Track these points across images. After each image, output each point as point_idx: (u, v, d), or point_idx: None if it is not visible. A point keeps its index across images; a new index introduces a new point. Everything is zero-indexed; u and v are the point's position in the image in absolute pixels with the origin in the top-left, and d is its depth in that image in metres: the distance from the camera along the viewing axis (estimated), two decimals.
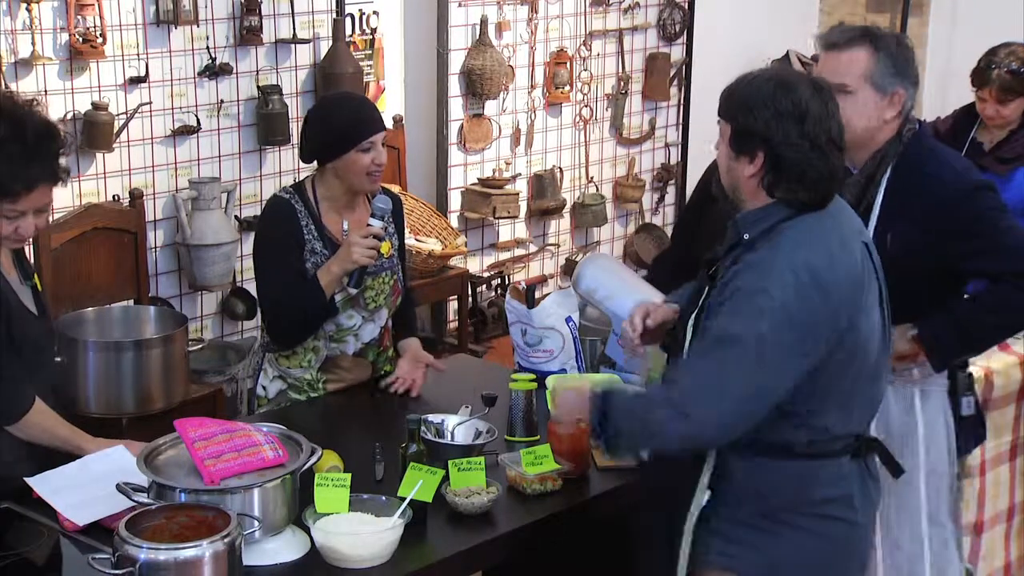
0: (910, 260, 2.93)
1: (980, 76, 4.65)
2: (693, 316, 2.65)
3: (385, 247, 3.52)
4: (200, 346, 4.69)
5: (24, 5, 4.43)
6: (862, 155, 3.11)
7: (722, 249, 2.65)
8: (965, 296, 3.20)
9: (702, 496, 2.60)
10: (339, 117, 3.48)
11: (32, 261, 3.38)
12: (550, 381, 3.41)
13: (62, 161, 2.87)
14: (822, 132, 2.52)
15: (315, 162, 3.55)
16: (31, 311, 2.98)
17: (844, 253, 2.55)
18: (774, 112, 2.52)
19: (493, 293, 6.05)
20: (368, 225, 3.45)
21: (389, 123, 5.61)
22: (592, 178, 6.55)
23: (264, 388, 3.63)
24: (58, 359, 3.19)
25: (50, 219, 2.99)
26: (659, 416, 2.54)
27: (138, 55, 4.78)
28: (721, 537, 2.62)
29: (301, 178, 3.70)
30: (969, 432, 3.31)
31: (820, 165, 2.53)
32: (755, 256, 2.54)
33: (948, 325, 3.07)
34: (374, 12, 5.57)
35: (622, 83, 6.54)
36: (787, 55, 6.65)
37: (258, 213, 5.04)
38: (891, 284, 2.70)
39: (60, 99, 4.60)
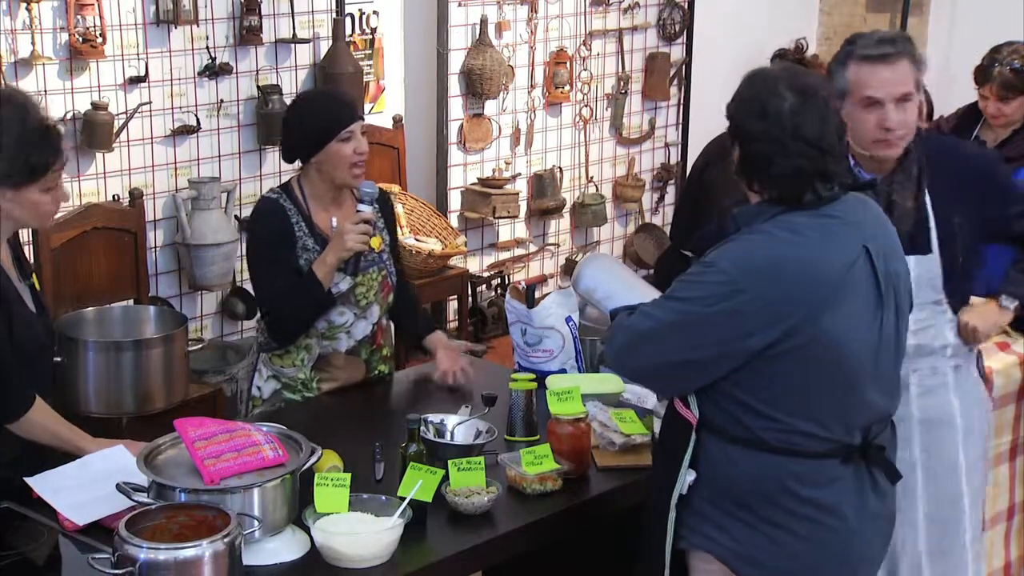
0: (979, 236, 3.10)
1: (982, 74, 4.66)
2: None
3: (376, 242, 3.53)
4: (200, 346, 4.68)
5: (24, 5, 4.43)
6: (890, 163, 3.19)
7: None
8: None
9: (686, 476, 2.62)
10: (316, 111, 3.52)
11: (32, 260, 3.39)
12: (550, 381, 3.42)
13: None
14: (784, 129, 2.50)
15: (297, 162, 3.56)
16: (30, 309, 2.99)
17: (824, 250, 2.54)
18: (743, 106, 2.56)
19: (493, 293, 6.06)
20: (357, 211, 3.47)
21: (389, 123, 5.62)
22: (592, 178, 6.55)
23: (259, 388, 3.63)
24: (58, 359, 3.19)
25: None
26: (613, 333, 2.69)
27: (138, 55, 4.79)
28: (700, 517, 2.64)
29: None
30: None
31: (782, 163, 2.52)
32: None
33: None
34: (374, 12, 5.57)
35: (622, 83, 6.54)
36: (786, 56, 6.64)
37: None
38: (970, 265, 2.94)
39: (60, 99, 4.60)
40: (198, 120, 4.99)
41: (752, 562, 2.62)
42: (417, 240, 5.48)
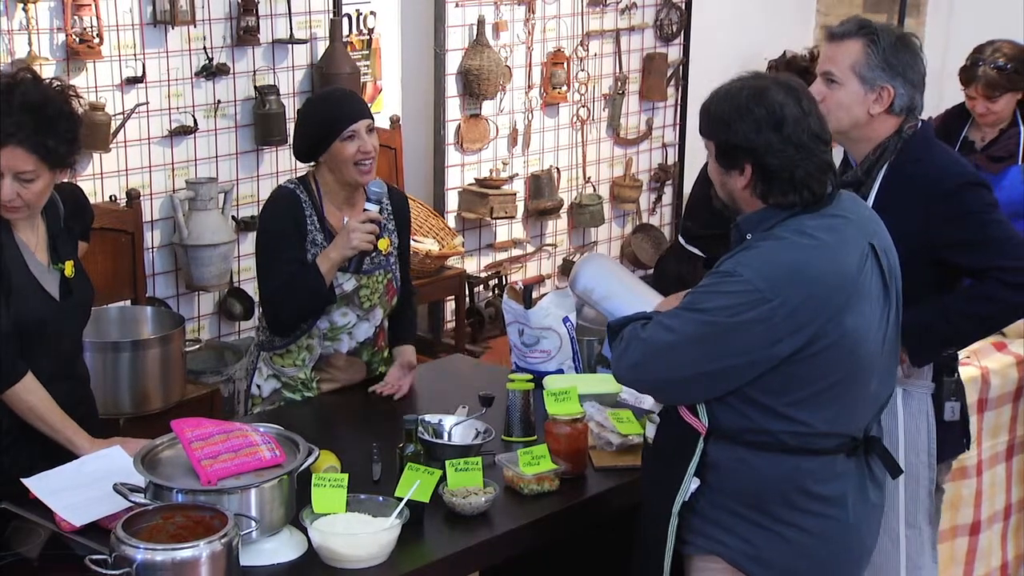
0: (905, 251, 2.89)
1: (966, 74, 4.67)
2: None
3: (383, 243, 3.53)
4: (197, 346, 4.69)
5: (21, 5, 4.42)
6: (861, 148, 3.15)
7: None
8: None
9: (690, 483, 2.61)
10: (321, 110, 3.53)
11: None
12: (548, 382, 3.42)
13: (54, 143, 2.85)
14: (802, 131, 2.55)
15: (312, 161, 3.57)
16: (51, 295, 2.99)
17: (839, 250, 2.56)
18: (752, 123, 2.55)
19: (490, 293, 6.05)
20: (364, 210, 3.47)
21: (386, 123, 5.61)
22: (589, 178, 6.55)
23: (259, 387, 3.63)
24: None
25: (43, 196, 2.96)
26: (625, 347, 2.63)
27: (135, 55, 4.78)
28: (707, 521, 2.63)
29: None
30: (953, 440, 3.28)
31: (807, 164, 2.55)
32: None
33: (932, 318, 3.06)
34: (371, 12, 5.57)
35: (619, 83, 6.54)
36: (783, 56, 6.64)
37: (255, 213, 5.07)
38: None
39: None
40: (195, 120, 4.99)
41: (764, 563, 2.62)
42: (414, 240, 5.48)
